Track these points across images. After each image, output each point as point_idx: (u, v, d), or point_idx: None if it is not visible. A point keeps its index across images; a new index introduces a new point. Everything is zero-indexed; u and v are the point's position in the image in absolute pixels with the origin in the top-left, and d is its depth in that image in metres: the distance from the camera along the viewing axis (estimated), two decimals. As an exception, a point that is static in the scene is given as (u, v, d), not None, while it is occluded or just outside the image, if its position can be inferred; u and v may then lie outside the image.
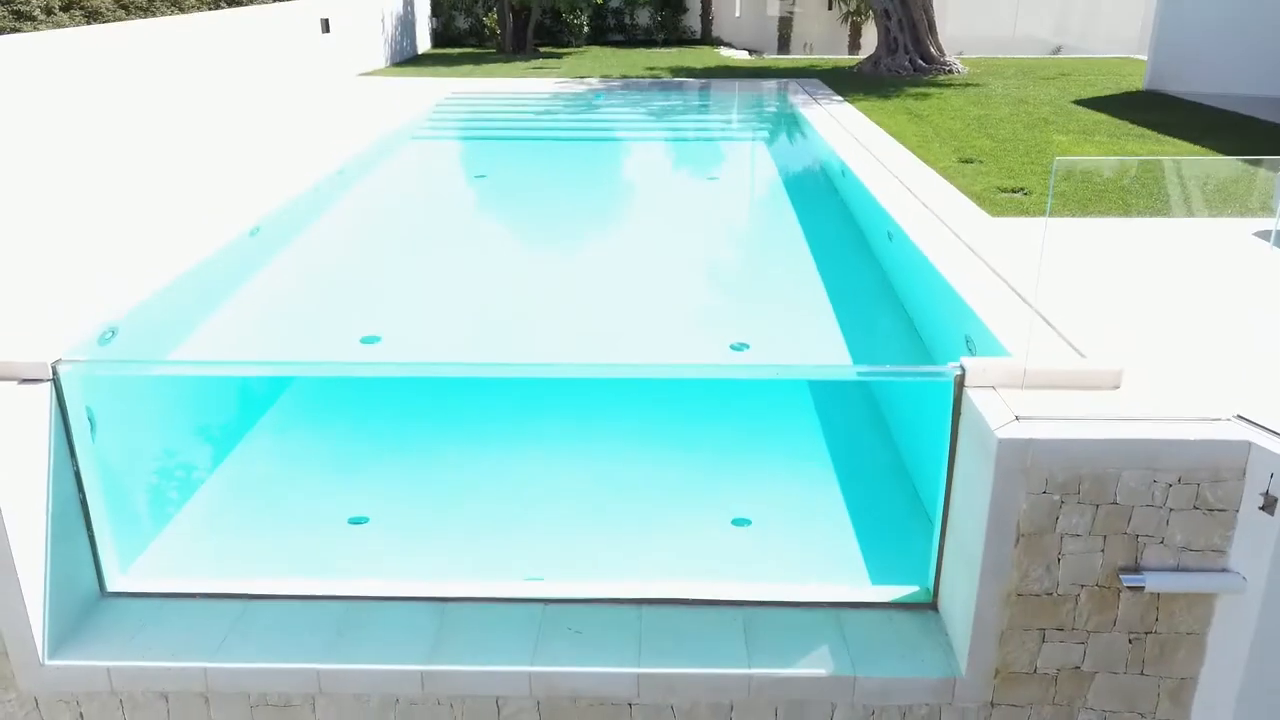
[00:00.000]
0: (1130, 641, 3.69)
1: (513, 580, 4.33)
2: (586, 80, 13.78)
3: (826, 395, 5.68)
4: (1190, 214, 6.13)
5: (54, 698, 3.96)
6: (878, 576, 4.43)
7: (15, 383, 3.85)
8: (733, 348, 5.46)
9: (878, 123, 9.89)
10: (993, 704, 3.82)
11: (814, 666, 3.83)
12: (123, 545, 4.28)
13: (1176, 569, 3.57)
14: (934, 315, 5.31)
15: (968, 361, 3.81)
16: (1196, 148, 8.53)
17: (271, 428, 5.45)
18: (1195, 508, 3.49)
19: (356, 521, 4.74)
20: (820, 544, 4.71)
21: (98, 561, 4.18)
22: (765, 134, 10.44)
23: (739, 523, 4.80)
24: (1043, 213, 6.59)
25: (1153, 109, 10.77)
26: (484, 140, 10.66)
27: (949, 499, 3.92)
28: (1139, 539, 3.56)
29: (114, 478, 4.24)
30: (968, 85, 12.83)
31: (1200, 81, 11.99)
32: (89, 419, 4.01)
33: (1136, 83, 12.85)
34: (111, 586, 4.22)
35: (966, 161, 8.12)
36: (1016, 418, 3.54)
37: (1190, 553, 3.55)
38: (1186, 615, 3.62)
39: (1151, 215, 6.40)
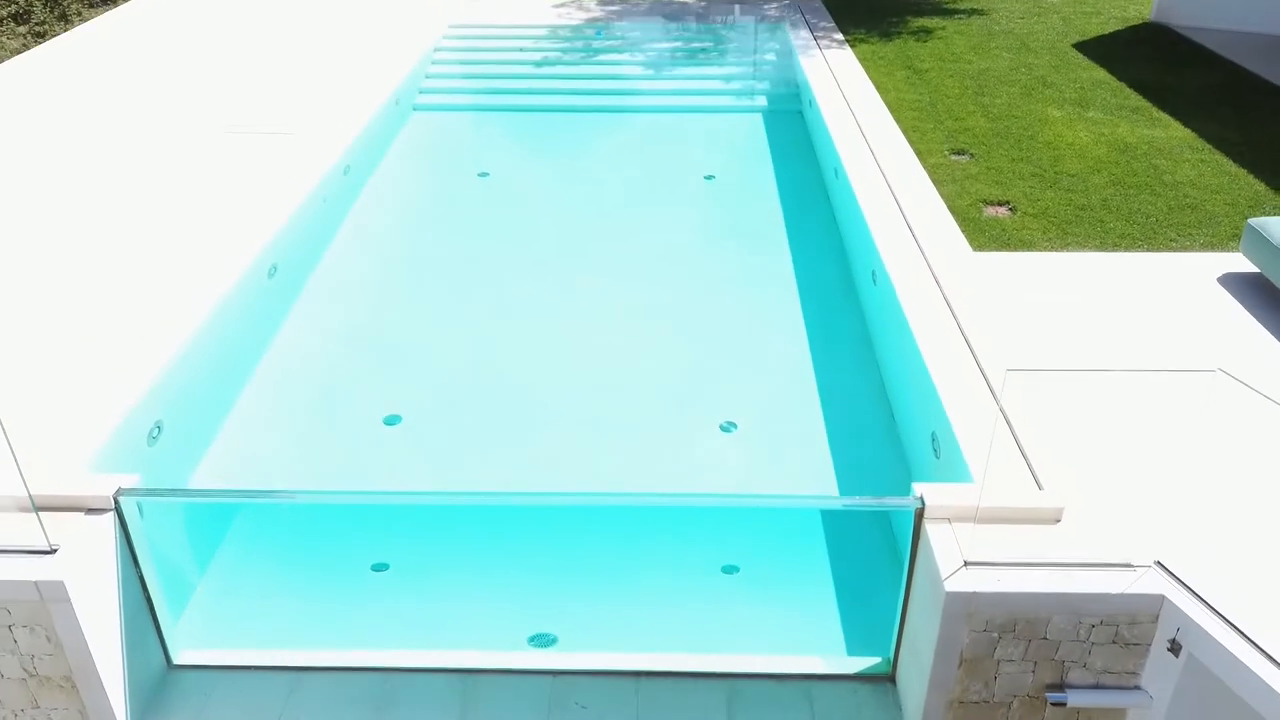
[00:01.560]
0: (1053, 732, 4.34)
1: (527, 651, 4.95)
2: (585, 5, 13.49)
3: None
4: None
5: (139, 768, 4.65)
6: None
7: (83, 513, 4.37)
8: (723, 428, 5.92)
9: (876, 83, 9.90)
10: (935, 775, 4.51)
11: (784, 745, 4.50)
12: (183, 627, 4.88)
13: (1095, 687, 4.17)
14: (907, 396, 5.73)
15: (927, 493, 4.29)
16: (1189, 133, 8.63)
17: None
18: (1113, 642, 4.06)
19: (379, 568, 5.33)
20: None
21: (163, 641, 4.79)
22: (763, 116, 10.37)
23: (728, 569, 5.39)
24: (1023, 233, 6.88)
25: (1157, 58, 10.68)
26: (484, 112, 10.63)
27: (907, 601, 4.48)
28: (1064, 663, 4.14)
29: (170, 572, 4.80)
30: (973, 13, 12.61)
31: (1209, 17, 11.81)
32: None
33: (1144, 9, 12.62)
34: (177, 660, 4.85)
35: (959, 153, 8.29)
36: (965, 563, 4.05)
37: (1108, 674, 4.14)
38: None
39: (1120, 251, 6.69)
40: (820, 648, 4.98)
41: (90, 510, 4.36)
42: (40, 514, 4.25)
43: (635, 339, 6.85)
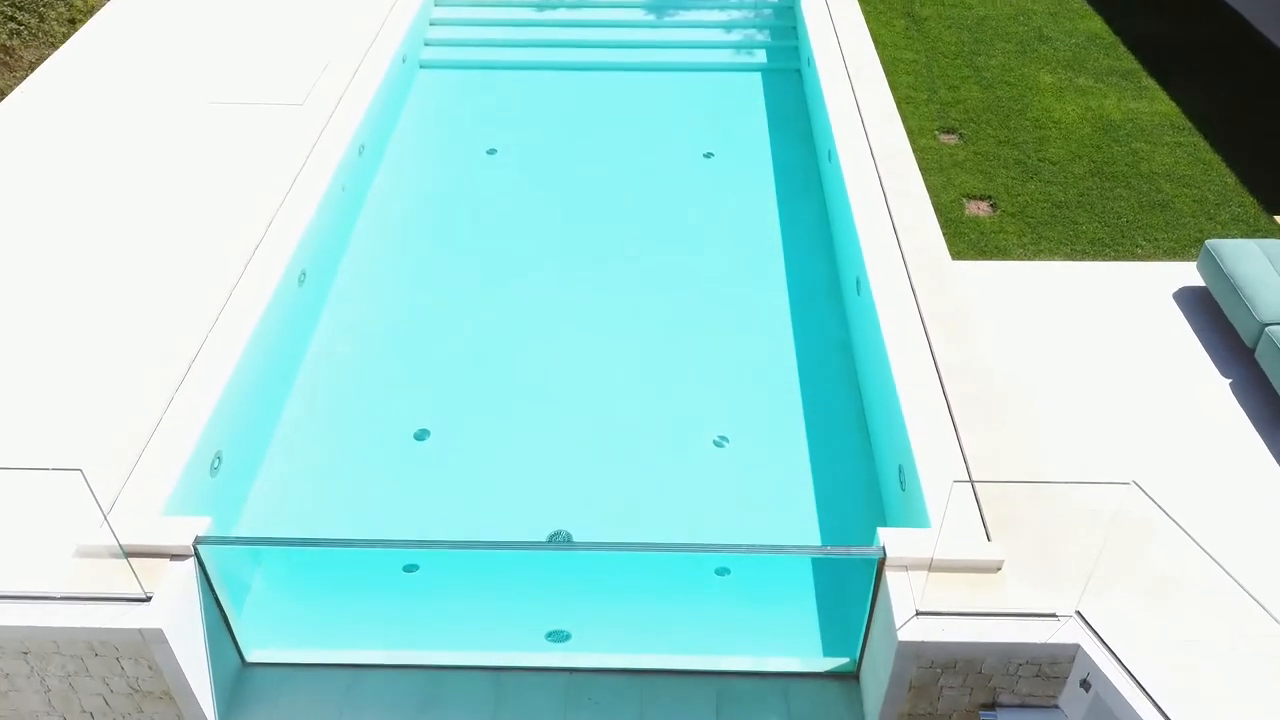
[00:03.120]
0: (986, 740, 5.24)
1: (547, 650, 5.79)
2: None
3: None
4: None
5: (227, 755, 5.59)
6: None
7: (168, 559, 5.11)
8: (713, 440, 6.59)
9: (875, 36, 10.03)
10: (887, 766, 5.45)
11: (763, 741, 5.40)
12: (253, 632, 5.70)
13: (1020, 706, 5.03)
14: (882, 423, 6.36)
15: (889, 541, 5.02)
16: (1173, 108, 8.90)
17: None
18: (1037, 675, 4.88)
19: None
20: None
21: (237, 644, 5.63)
22: (762, 75, 10.43)
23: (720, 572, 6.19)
24: (1000, 237, 7.36)
25: (1163, 5, 10.67)
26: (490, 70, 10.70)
27: (869, 629, 5.29)
28: (996, 688, 4.98)
29: (237, 585, 5.59)
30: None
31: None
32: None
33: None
34: (250, 659, 5.71)
35: (949, 132, 8.62)
36: (917, 613, 4.82)
37: (1032, 696, 4.99)
38: (1024, 733, 5.13)
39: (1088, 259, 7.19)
40: (799, 645, 5.83)
41: (174, 557, 5.11)
42: (131, 560, 5.01)
43: (625, 334, 7.46)
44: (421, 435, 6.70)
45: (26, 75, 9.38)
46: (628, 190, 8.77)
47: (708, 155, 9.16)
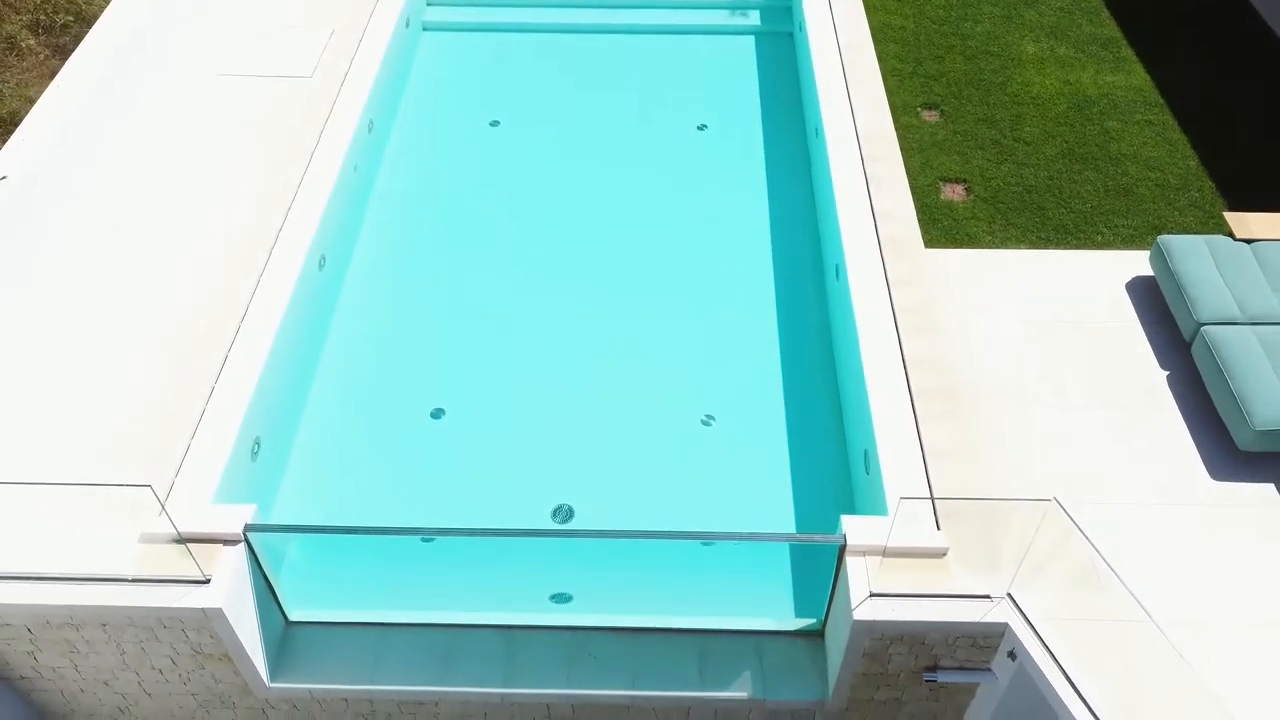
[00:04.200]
0: (929, 694, 6.08)
1: (552, 611, 6.59)
2: None
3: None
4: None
5: (278, 702, 6.45)
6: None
7: (221, 545, 5.85)
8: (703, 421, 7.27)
9: (866, 0, 10.28)
10: (845, 712, 6.31)
11: (738, 689, 6.23)
12: (294, 595, 6.50)
13: (958, 669, 5.85)
14: (853, 408, 7.01)
15: (850, 528, 5.76)
16: (1148, 81, 9.25)
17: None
18: (973, 645, 5.69)
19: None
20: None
21: (281, 606, 6.43)
22: (755, 38, 10.66)
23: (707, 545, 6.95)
24: (971, 224, 7.88)
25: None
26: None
27: (832, 600, 6.07)
28: (937, 656, 5.79)
29: (281, 558, 6.35)
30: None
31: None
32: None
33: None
34: (292, 618, 6.52)
35: (930, 108, 9.02)
36: (871, 594, 5.59)
37: (968, 662, 5.81)
38: (960, 691, 5.97)
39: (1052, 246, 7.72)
40: (772, 607, 6.64)
41: (226, 542, 5.86)
42: (189, 545, 5.76)
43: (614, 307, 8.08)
44: (437, 414, 7.39)
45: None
46: (625, 168, 9.21)
47: (701, 128, 9.57)
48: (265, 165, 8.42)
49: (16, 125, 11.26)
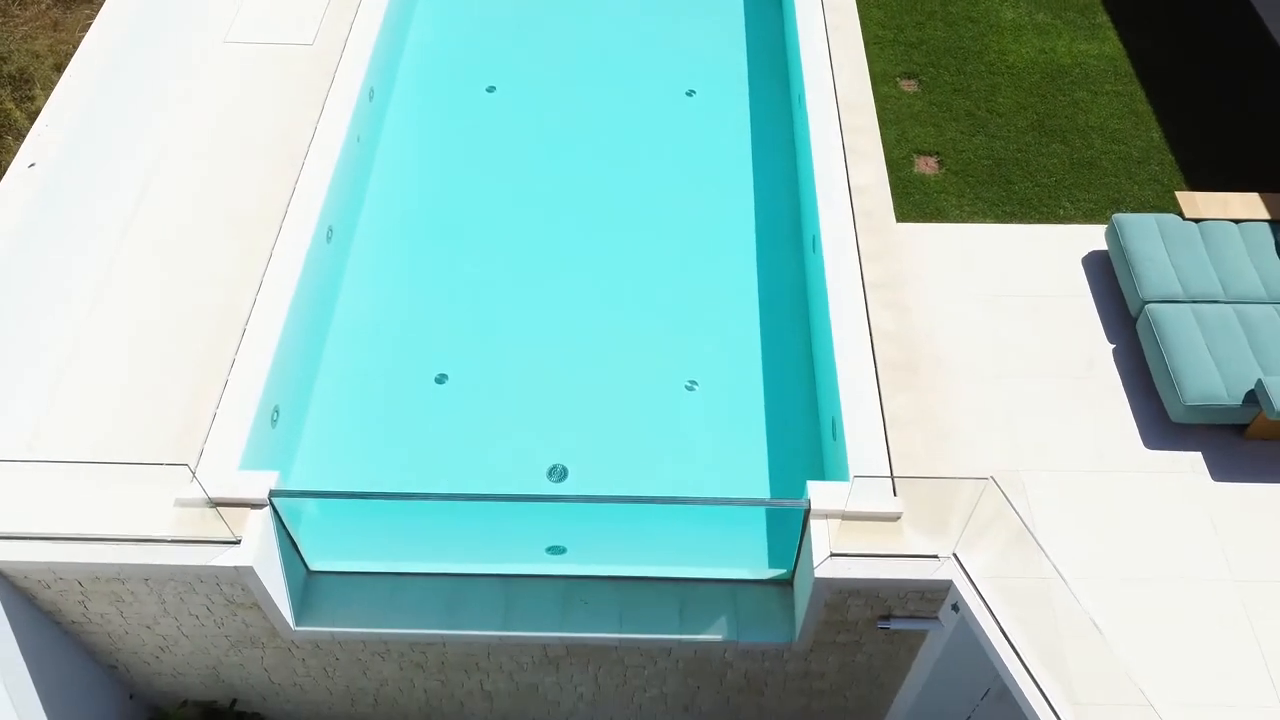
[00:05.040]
0: (883, 639, 6.81)
1: (548, 562, 7.27)
2: None
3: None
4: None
5: (302, 643, 7.19)
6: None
7: (248, 509, 6.50)
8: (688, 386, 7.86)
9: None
10: (809, 653, 7.05)
11: (715, 632, 6.96)
12: (313, 548, 7.17)
13: (909, 618, 6.56)
14: (824, 377, 7.57)
15: (814, 494, 6.40)
16: (1120, 49, 9.57)
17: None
18: (922, 598, 6.38)
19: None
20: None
21: (303, 558, 7.12)
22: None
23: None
24: (942, 198, 8.34)
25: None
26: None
27: (799, 555, 6.75)
28: (890, 607, 6.50)
29: (302, 515, 7.01)
30: None
31: None
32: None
33: None
34: (313, 568, 7.22)
35: (909, 77, 9.37)
36: (831, 554, 6.26)
37: (918, 612, 6.51)
38: (911, 636, 6.70)
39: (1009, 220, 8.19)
40: (747, 558, 7.32)
41: (253, 506, 6.51)
42: (220, 509, 6.41)
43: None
44: (441, 379, 7.97)
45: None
46: (616, 137, 9.62)
47: (690, 93, 9.93)
48: (273, 136, 8.81)
49: (28, 83, 11.64)
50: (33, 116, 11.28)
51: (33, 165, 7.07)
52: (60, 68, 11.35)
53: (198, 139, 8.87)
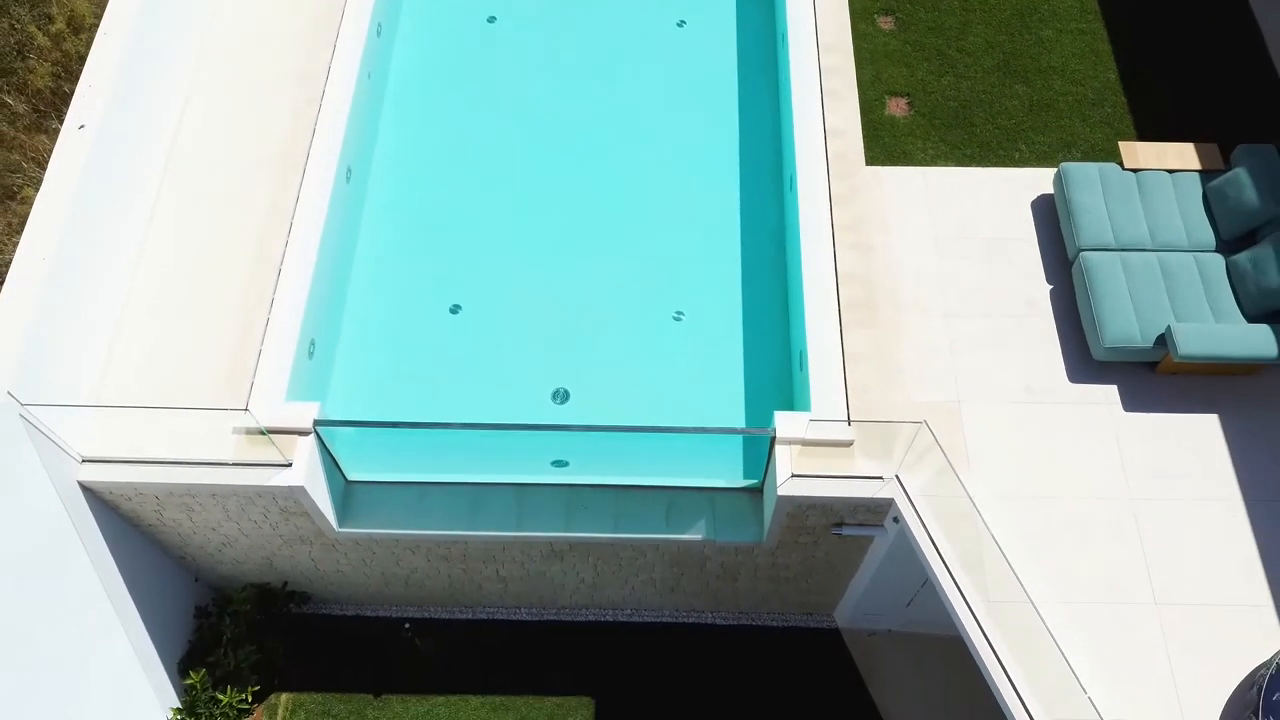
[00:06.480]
0: (837, 541, 8.05)
1: (553, 474, 8.40)
2: None
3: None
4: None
5: (344, 541, 8.42)
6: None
7: (296, 436, 7.58)
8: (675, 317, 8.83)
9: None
10: (776, 550, 8.30)
11: (695, 533, 8.18)
12: (351, 462, 8.30)
13: (858, 525, 7.77)
14: (796, 312, 8.48)
15: (780, 422, 7.48)
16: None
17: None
18: (868, 511, 7.57)
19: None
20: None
21: (342, 471, 8.26)
22: None
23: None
24: (908, 141, 9.07)
25: None
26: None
27: (767, 473, 7.88)
28: (842, 517, 7.69)
29: (334, 439, 8.10)
30: None
31: None
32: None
33: None
34: (350, 478, 8.38)
35: (886, 14, 9.92)
36: (792, 475, 7.39)
37: (865, 521, 7.71)
38: (860, 540, 7.94)
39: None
40: (724, 469, 8.47)
41: (300, 433, 7.59)
42: (274, 437, 7.50)
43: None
44: (455, 310, 8.93)
45: None
46: (611, 69, 10.19)
47: (680, 24, 10.44)
48: (291, 78, 9.41)
49: (45, 1, 12.01)
50: (53, 37, 11.78)
51: (82, 127, 7.79)
52: (74, -16, 11.74)
53: (220, 85, 9.47)
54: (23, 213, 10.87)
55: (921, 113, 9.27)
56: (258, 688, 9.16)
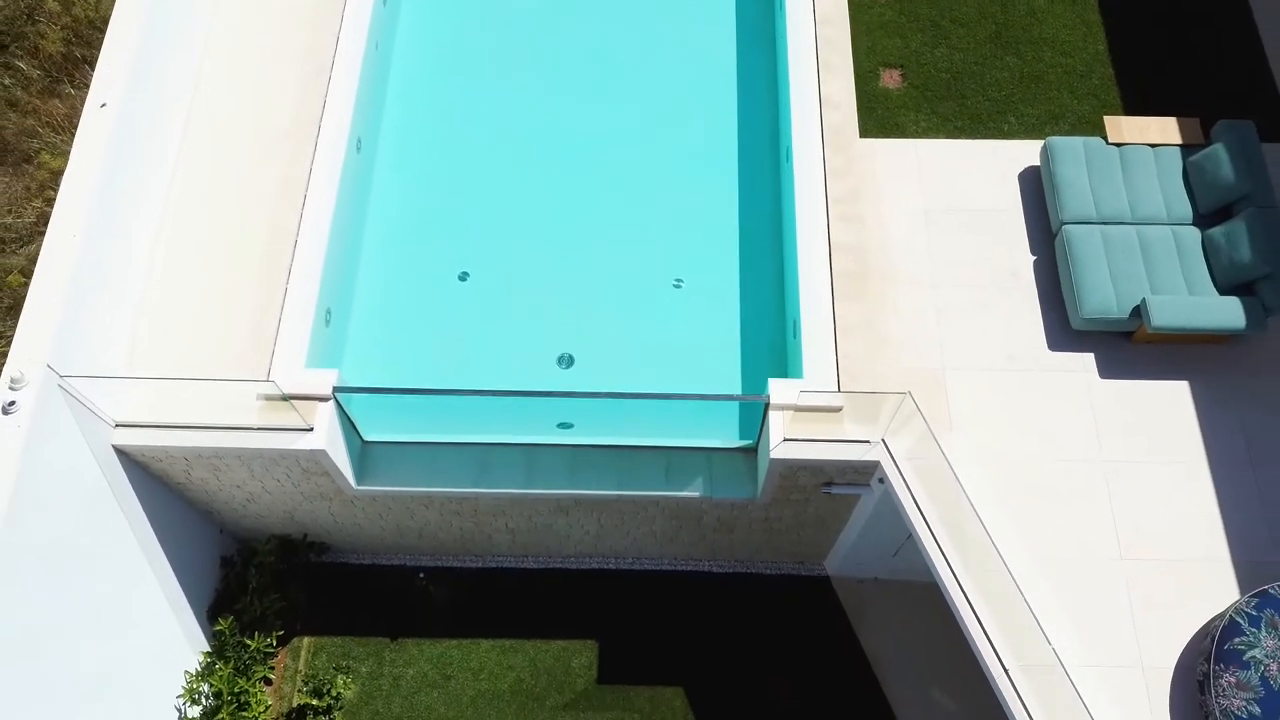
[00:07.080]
0: (827, 499, 8.54)
1: (559, 435, 8.85)
2: None
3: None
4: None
5: (361, 497, 8.92)
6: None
7: (316, 402, 8.02)
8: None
9: None
10: (769, 506, 8.80)
11: (693, 490, 8.68)
12: (365, 423, 8.75)
13: (847, 484, 8.25)
14: (790, 281, 8.85)
15: (773, 389, 7.92)
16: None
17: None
18: (855, 473, 8.04)
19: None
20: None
21: (359, 432, 8.72)
22: None
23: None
24: (901, 113, 9.35)
25: None
26: None
27: (760, 437, 8.34)
28: (831, 477, 8.17)
29: (351, 403, 8.54)
30: None
31: None
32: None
33: None
34: (366, 438, 8.84)
35: (881, -15, 10.12)
36: (785, 439, 7.85)
37: (852, 481, 8.20)
38: (848, 498, 8.43)
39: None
40: (721, 430, 8.93)
41: (320, 399, 8.04)
42: (295, 403, 7.95)
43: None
44: (463, 277, 9.31)
45: None
46: (618, 35, 10.42)
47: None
48: (300, 49, 9.64)
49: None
50: (63, 2, 11.95)
51: (104, 105, 8.09)
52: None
53: (229, 59, 9.70)
54: (39, 177, 11.21)
55: (915, 85, 9.53)
56: (281, 632, 9.75)
